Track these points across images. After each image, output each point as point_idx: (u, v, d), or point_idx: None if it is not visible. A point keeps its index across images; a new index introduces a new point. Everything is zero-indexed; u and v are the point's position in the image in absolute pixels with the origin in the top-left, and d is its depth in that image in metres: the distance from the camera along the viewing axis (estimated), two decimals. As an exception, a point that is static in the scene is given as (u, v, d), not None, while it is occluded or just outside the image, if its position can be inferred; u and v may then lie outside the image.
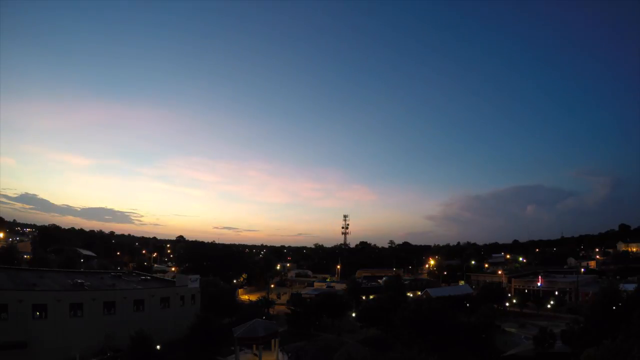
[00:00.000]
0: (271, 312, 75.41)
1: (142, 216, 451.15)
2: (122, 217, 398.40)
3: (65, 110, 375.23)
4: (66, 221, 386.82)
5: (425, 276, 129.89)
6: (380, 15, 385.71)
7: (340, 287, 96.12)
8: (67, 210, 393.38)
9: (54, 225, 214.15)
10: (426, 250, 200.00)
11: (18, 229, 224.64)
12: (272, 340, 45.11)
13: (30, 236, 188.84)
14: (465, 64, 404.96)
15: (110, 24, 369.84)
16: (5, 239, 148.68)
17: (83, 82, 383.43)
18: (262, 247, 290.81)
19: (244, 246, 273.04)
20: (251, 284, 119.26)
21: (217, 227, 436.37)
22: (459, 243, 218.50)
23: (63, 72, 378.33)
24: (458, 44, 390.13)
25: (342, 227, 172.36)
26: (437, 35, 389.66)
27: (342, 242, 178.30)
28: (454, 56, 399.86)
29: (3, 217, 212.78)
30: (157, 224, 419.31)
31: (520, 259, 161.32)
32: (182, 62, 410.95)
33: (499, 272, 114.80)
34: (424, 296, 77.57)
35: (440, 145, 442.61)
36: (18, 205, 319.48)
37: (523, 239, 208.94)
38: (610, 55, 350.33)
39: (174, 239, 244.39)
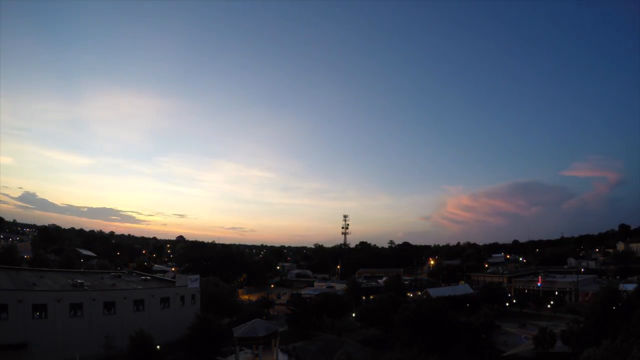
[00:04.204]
0: (271, 312, 75.50)
1: (150, 216, 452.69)
2: (123, 217, 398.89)
3: (65, 108, 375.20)
4: (67, 221, 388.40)
5: (425, 276, 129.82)
6: (371, 16, 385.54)
7: (340, 287, 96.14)
8: (67, 209, 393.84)
9: (54, 225, 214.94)
10: (426, 250, 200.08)
11: (18, 229, 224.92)
12: (272, 340, 45.11)
13: (30, 236, 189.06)
14: (462, 61, 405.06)
15: (110, 22, 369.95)
16: (5, 238, 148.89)
17: (84, 80, 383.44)
18: (262, 247, 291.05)
19: (244, 246, 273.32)
20: (251, 284, 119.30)
21: (223, 227, 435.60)
22: (459, 243, 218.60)
23: (63, 70, 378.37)
24: (453, 39, 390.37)
25: (342, 227, 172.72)
26: (431, 32, 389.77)
27: (342, 242, 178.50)
28: (450, 54, 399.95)
29: (3, 217, 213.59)
30: (162, 224, 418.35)
31: (520, 259, 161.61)
32: (185, 61, 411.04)
33: (499, 272, 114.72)
34: (424, 296, 77.60)
35: (440, 144, 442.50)
36: (18, 205, 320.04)
37: (523, 239, 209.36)
38: (613, 53, 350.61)
39: (174, 239, 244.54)
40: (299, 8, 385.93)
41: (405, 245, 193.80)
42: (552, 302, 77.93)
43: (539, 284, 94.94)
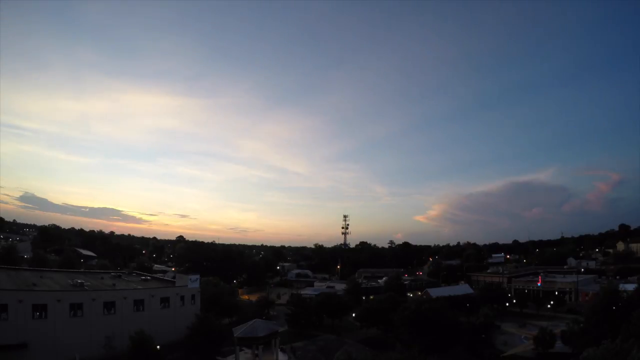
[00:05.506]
0: (271, 312, 75.50)
1: (152, 216, 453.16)
2: (124, 217, 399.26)
3: (66, 108, 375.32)
4: (67, 221, 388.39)
5: (425, 276, 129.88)
6: (373, 17, 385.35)
7: (340, 287, 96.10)
8: (67, 209, 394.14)
9: (54, 225, 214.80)
10: (426, 250, 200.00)
11: (17, 229, 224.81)
12: (272, 340, 45.10)
13: (30, 236, 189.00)
14: (463, 62, 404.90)
15: (112, 21, 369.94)
16: (5, 238, 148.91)
17: (84, 80, 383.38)
18: (262, 247, 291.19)
19: (244, 246, 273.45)
20: (251, 284, 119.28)
21: (224, 227, 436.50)
22: (459, 243, 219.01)
23: (64, 70, 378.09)
24: (454, 40, 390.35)
25: (342, 227, 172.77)
26: (432, 32, 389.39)
27: (342, 242, 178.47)
28: (451, 54, 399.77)
29: (3, 217, 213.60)
30: (164, 224, 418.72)
31: (522, 259, 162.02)
32: (187, 60, 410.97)
33: (499, 272, 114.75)
34: (424, 296, 77.56)
35: (440, 144, 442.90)
36: (18, 205, 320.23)
37: (523, 239, 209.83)
38: (613, 52, 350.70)
39: (174, 239, 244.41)
40: (302, 9, 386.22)
41: (405, 245, 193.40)
42: (552, 302, 77.89)
43: (539, 284, 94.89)
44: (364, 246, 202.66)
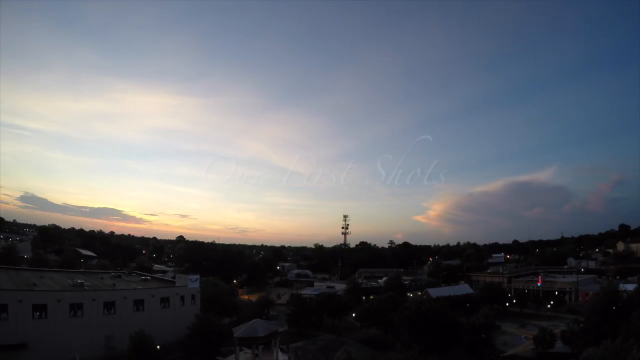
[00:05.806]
0: (271, 312, 75.54)
1: (152, 215, 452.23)
2: (124, 217, 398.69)
3: (66, 108, 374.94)
4: (67, 221, 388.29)
5: (425, 276, 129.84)
6: (374, 19, 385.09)
7: (340, 287, 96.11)
8: (67, 209, 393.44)
9: (54, 225, 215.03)
10: (426, 250, 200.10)
11: (17, 229, 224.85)
12: (272, 340, 45.13)
13: (30, 236, 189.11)
14: (463, 61, 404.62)
15: (112, 20, 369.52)
16: (5, 238, 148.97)
17: (84, 79, 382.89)
18: (262, 247, 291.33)
19: (244, 246, 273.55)
20: (251, 284, 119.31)
21: (225, 227, 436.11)
22: (459, 243, 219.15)
23: (64, 69, 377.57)
24: (456, 40, 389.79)
25: (342, 227, 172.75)
26: (432, 31, 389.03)
27: (342, 242, 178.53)
28: (451, 54, 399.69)
29: (3, 217, 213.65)
30: (164, 224, 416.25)
31: (522, 259, 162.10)
32: (187, 60, 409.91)
33: (499, 272, 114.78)
34: (424, 296, 77.55)
35: (439, 144, 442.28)
36: (18, 205, 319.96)
37: (523, 239, 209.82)
38: (614, 52, 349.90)
39: (174, 239, 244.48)
40: (303, 7, 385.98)
41: (405, 245, 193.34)
42: (552, 302, 77.90)
43: (539, 284, 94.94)
44: (364, 246, 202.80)
